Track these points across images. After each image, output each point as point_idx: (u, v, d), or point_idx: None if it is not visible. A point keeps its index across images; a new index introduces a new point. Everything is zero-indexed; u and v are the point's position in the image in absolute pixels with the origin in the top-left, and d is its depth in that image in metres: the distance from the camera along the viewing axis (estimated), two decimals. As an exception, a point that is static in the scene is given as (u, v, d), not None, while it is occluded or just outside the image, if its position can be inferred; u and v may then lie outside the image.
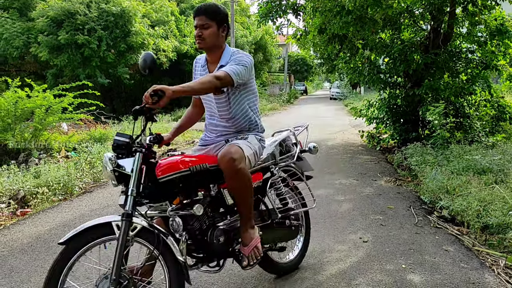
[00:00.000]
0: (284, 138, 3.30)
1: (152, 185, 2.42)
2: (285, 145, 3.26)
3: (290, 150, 3.29)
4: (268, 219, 3.07)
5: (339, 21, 8.21)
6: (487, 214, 4.15)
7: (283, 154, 3.23)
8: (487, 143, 7.87)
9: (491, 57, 9.12)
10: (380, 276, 3.31)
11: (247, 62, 2.72)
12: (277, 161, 3.15)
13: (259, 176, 3.00)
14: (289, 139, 3.33)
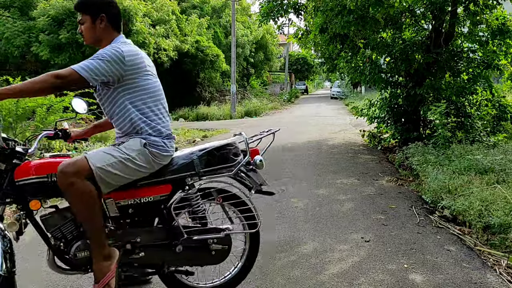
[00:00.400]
0: (221, 146, 2.70)
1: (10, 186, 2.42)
2: (219, 155, 2.67)
3: (228, 160, 2.69)
4: (169, 239, 2.65)
5: (340, 20, 8.20)
6: (489, 214, 4.15)
7: (213, 165, 2.66)
8: (489, 143, 7.86)
9: (493, 56, 9.12)
10: (382, 275, 3.31)
11: (106, 55, 2.41)
12: (200, 173, 2.63)
13: (166, 189, 2.62)
14: (232, 147, 2.73)
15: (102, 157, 2.40)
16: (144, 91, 2.57)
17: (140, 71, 2.55)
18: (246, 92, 32.58)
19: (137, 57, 2.53)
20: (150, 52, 19.56)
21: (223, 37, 29.66)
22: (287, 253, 3.79)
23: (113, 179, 2.42)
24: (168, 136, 2.63)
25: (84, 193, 2.34)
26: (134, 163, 2.45)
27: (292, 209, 5.14)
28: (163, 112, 2.67)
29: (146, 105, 2.58)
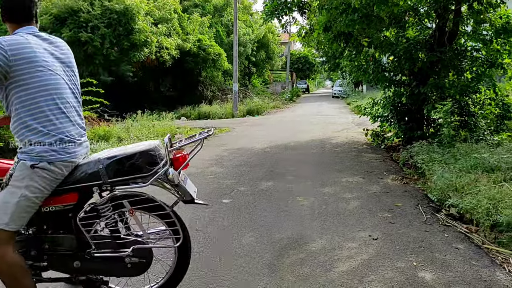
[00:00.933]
0: (132, 154, 2.46)
1: None
2: (129, 164, 2.43)
3: (142, 170, 2.44)
4: (78, 249, 2.53)
5: (345, 19, 8.20)
6: (497, 212, 4.15)
7: (123, 175, 2.44)
8: (492, 141, 7.85)
9: (496, 55, 9.12)
10: (391, 273, 3.31)
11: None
12: (106, 182, 2.43)
13: (71, 198, 2.46)
14: (146, 155, 2.47)
15: (3, 212, 2.28)
16: (35, 89, 2.31)
17: (30, 65, 2.30)
18: (247, 91, 32.58)
19: (25, 50, 2.29)
20: (152, 50, 19.57)
21: (225, 35, 29.66)
22: (296, 250, 3.79)
23: (23, 220, 2.34)
24: (61, 141, 2.37)
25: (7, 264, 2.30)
26: (32, 193, 2.30)
27: (298, 207, 5.14)
28: (59, 113, 2.38)
29: (37, 105, 2.31)
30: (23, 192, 2.27)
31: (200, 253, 3.74)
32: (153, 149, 2.50)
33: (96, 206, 2.46)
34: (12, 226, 2.28)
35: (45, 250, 2.52)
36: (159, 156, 2.51)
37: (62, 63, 2.50)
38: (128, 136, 10.63)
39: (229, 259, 3.61)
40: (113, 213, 2.51)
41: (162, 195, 2.63)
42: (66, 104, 2.44)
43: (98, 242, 2.53)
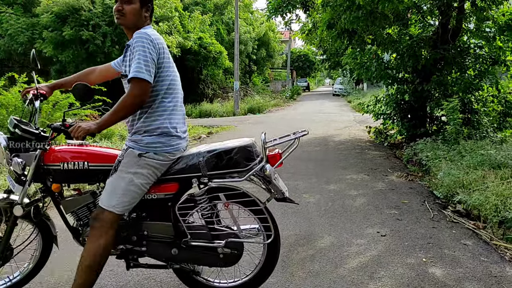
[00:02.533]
0: (231, 149, 2.54)
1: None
2: (228, 158, 2.51)
3: (239, 165, 2.52)
4: (175, 237, 2.65)
5: (349, 16, 8.19)
6: (505, 209, 4.15)
7: (220, 168, 2.53)
8: (495, 138, 7.86)
9: (499, 52, 9.12)
10: (401, 269, 3.31)
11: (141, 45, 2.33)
12: (205, 175, 2.52)
13: (172, 188, 2.59)
14: (244, 151, 2.54)
15: (111, 195, 2.42)
16: (166, 82, 2.48)
17: (166, 59, 2.46)
18: (248, 89, 32.55)
19: (162, 42, 2.45)
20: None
21: (226, 34, 29.62)
22: (305, 247, 3.79)
23: (130, 204, 2.47)
24: (168, 134, 2.48)
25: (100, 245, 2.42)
26: (139, 180, 2.43)
27: (305, 204, 5.14)
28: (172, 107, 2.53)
29: (163, 95, 2.47)
30: (131, 178, 2.41)
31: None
32: (250, 145, 2.57)
33: (194, 197, 2.57)
34: (118, 209, 2.42)
35: (144, 237, 2.65)
36: (256, 153, 2.57)
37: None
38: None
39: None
40: (209, 205, 2.62)
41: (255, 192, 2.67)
42: (179, 98, 2.59)
43: (193, 231, 2.63)
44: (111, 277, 3.25)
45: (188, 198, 2.57)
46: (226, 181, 2.53)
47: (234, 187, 2.56)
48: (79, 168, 2.57)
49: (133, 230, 2.66)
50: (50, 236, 2.91)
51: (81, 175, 2.60)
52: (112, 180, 2.46)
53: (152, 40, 2.35)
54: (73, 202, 2.72)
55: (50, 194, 2.71)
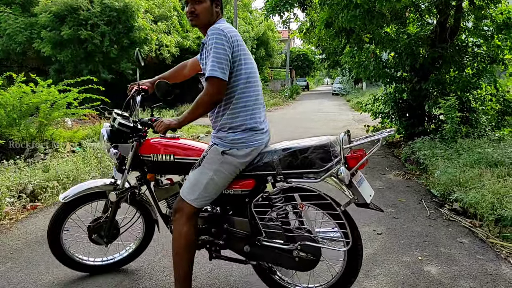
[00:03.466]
0: (306, 148, 2.40)
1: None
2: (302, 157, 2.39)
3: (314, 165, 2.38)
4: (251, 234, 2.64)
5: (346, 14, 8.18)
6: (502, 207, 4.15)
7: (295, 168, 2.43)
8: (493, 137, 7.86)
9: (497, 51, 9.12)
10: (397, 267, 3.31)
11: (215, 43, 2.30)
12: (280, 173, 2.46)
13: (248, 184, 2.57)
14: (320, 150, 2.38)
15: (192, 189, 2.50)
16: (244, 78, 2.42)
17: (243, 53, 2.40)
18: (247, 89, 32.53)
19: (238, 37, 2.39)
20: (152, 48, 19.52)
21: (224, 33, 29.60)
22: (301, 245, 3.78)
23: (209, 198, 2.54)
24: (252, 129, 2.46)
25: (183, 235, 2.52)
26: (219, 176, 2.47)
27: (302, 203, 5.13)
28: (256, 102, 2.50)
29: (241, 91, 2.43)
30: (211, 175, 2.46)
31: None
32: (327, 144, 2.39)
33: (269, 195, 2.52)
34: (198, 203, 2.51)
35: (223, 230, 2.72)
36: (333, 153, 2.37)
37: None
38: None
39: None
40: (284, 205, 2.54)
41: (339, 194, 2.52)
42: (259, 91, 2.54)
43: (268, 230, 2.59)
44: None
45: (263, 196, 2.53)
46: (300, 181, 2.43)
47: (309, 188, 2.41)
48: (166, 160, 2.74)
49: (214, 223, 2.74)
50: (151, 220, 3.24)
51: (168, 166, 2.77)
52: (195, 173, 2.52)
53: (225, 34, 2.32)
54: (165, 191, 2.93)
55: (146, 183, 2.98)
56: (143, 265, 3.47)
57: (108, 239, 3.17)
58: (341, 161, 2.32)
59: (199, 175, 2.49)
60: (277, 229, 2.56)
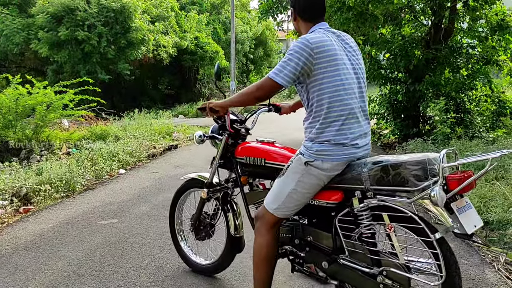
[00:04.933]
0: (400, 163, 2.12)
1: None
2: (394, 174, 2.11)
3: (407, 183, 2.08)
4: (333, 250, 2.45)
5: (339, 17, 8.21)
6: (488, 211, 4.18)
7: (385, 184, 2.15)
8: (488, 138, 7.88)
9: (492, 52, 9.13)
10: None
11: (292, 51, 2.27)
12: (368, 189, 2.22)
13: (336, 197, 2.37)
14: (415, 167, 2.07)
15: (275, 198, 2.45)
16: (330, 87, 2.28)
17: (329, 65, 2.27)
18: (245, 88, 32.52)
19: (326, 46, 2.28)
20: (149, 48, 19.55)
21: (223, 33, 29.61)
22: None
23: (292, 209, 2.44)
24: (339, 143, 2.27)
25: (262, 245, 2.51)
26: (302, 188, 2.36)
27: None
28: (346, 114, 2.29)
29: (329, 104, 2.27)
30: (294, 186, 2.36)
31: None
32: (425, 161, 2.05)
33: (354, 212, 2.29)
34: (279, 213, 2.44)
35: (307, 242, 2.59)
36: (431, 171, 2.03)
37: (354, 62, 2.41)
38: (125, 134, 10.63)
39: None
40: (371, 224, 2.29)
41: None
42: (355, 105, 2.33)
43: (351, 249, 2.35)
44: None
45: (349, 211, 2.31)
46: (389, 199, 2.15)
47: (400, 208, 2.13)
48: (257, 164, 2.77)
49: (297, 233, 2.64)
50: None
51: (259, 170, 2.79)
52: (279, 182, 2.47)
53: (306, 44, 2.25)
54: (255, 196, 2.93)
55: (240, 186, 2.98)
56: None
57: (199, 235, 3.33)
58: (438, 181, 2.00)
59: (282, 185, 2.43)
60: (361, 249, 2.31)
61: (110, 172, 7.32)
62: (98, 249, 3.94)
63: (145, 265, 3.58)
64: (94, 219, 4.83)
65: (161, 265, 3.57)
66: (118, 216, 4.93)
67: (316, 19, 2.45)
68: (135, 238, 4.20)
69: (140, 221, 4.68)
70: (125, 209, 5.23)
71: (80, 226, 4.60)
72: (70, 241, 4.16)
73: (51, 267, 3.55)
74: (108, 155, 7.84)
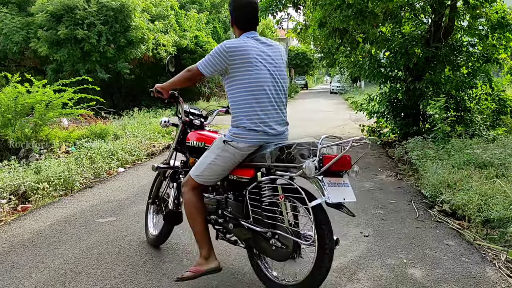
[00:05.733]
0: (291, 144, 2.61)
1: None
2: (287, 152, 2.59)
3: (295, 160, 2.55)
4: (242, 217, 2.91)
5: (339, 14, 8.16)
6: (488, 208, 4.14)
7: (281, 161, 2.63)
8: (488, 137, 7.84)
9: (492, 50, 9.09)
10: (381, 271, 3.30)
11: (214, 50, 2.85)
12: (270, 166, 2.69)
13: (248, 173, 2.86)
14: (301, 148, 2.56)
15: (197, 167, 2.99)
16: (245, 84, 2.79)
17: (245, 65, 2.78)
18: (245, 87, 32.44)
19: (239, 51, 2.79)
20: (149, 47, 19.50)
21: (222, 32, 29.56)
22: (286, 248, 3.77)
23: (209, 178, 2.96)
24: (249, 127, 2.77)
25: (187, 200, 3.02)
26: (220, 160, 2.87)
27: (292, 204, 5.12)
28: (258, 104, 2.79)
29: (244, 98, 2.80)
30: (213, 159, 2.89)
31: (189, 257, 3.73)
32: (309, 143, 2.57)
33: (259, 184, 2.79)
34: (199, 179, 2.96)
35: (228, 212, 3.06)
36: (313, 152, 2.52)
37: (269, 64, 2.87)
38: (124, 133, 10.60)
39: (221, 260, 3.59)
40: (270, 195, 2.75)
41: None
42: (267, 99, 2.82)
43: (255, 216, 2.82)
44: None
45: (256, 184, 2.80)
46: (282, 174, 2.65)
47: (289, 182, 2.60)
48: (199, 147, 3.29)
49: (221, 205, 3.11)
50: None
51: (201, 152, 3.13)
52: (202, 156, 3.01)
53: (223, 48, 2.80)
54: None
55: (188, 166, 3.43)
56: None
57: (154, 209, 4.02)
58: (317, 159, 2.46)
59: (205, 157, 2.96)
60: (261, 216, 2.77)
61: (109, 170, 7.29)
62: (95, 247, 3.92)
63: (143, 263, 3.55)
64: (92, 218, 4.80)
65: (158, 263, 3.54)
66: (116, 214, 4.90)
67: (247, 29, 2.96)
68: (132, 236, 4.18)
69: (138, 220, 4.64)
70: (123, 207, 5.20)
71: (78, 225, 4.57)
72: (68, 239, 4.13)
73: (48, 265, 3.52)
74: (107, 153, 7.80)
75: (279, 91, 2.89)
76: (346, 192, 2.52)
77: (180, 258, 3.63)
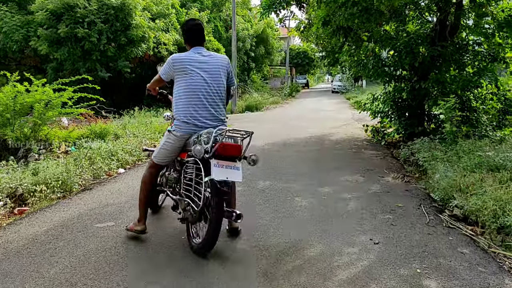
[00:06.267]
0: (200, 134, 3.60)
1: None
2: (199, 140, 3.58)
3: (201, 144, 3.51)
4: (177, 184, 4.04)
5: (344, 12, 7.99)
6: (504, 214, 3.97)
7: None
8: (495, 137, 7.66)
9: (498, 49, 8.93)
10: (394, 282, 3.13)
11: (165, 63, 3.84)
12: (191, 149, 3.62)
13: (184, 155, 3.87)
14: (204, 136, 3.54)
15: (156, 150, 4.00)
16: (182, 87, 3.74)
17: (183, 72, 3.73)
18: (246, 87, 32.30)
19: (179, 62, 3.74)
20: (150, 46, 19.32)
21: (224, 31, 29.36)
22: (293, 256, 3.60)
23: (162, 159, 3.96)
24: (182, 120, 3.72)
25: (144, 176, 4.07)
26: (166, 145, 3.86)
27: (296, 208, 4.96)
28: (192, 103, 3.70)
29: (181, 97, 3.75)
30: (163, 143, 3.90)
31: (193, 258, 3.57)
32: (206, 132, 3.58)
33: (187, 164, 3.79)
34: (155, 159, 3.98)
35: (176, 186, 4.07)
36: (208, 139, 3.51)
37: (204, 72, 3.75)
38: (125, 133, 10.43)
39: (221, 266, 3.43)
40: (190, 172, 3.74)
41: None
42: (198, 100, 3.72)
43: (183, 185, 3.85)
44: None
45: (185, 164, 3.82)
46: (191, 155, 3.61)
47: (197, 161, 3.57)
48: None
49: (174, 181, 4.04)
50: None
51: None
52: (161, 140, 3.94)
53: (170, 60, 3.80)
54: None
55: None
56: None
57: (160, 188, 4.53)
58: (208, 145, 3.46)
59: (160, 143, 3.94)
60: (183, 184, 3.84)
61: (109, 171, 7.11)
62: (93, 255, 3.74)
63: (142, 272, 3.38)
64: (90, 222, 4.63)
65: (159, 273, 3.37)
66: (115, 219, 4.73)
67: (195, 45, 3.89)
68: (131, 243, 4.00)
69: (138, 224, 4.46)
70: (122, 211, 5.02)
71: (75, 230, 4.39)
72: (64, 246, 3.95)
73: (43, 274, 3.35)
74: (107, 154, 7.62)
75: (211, 94, 3.75)
76: (233, 173, 3.48)
77: (182, 267, 3.46)
